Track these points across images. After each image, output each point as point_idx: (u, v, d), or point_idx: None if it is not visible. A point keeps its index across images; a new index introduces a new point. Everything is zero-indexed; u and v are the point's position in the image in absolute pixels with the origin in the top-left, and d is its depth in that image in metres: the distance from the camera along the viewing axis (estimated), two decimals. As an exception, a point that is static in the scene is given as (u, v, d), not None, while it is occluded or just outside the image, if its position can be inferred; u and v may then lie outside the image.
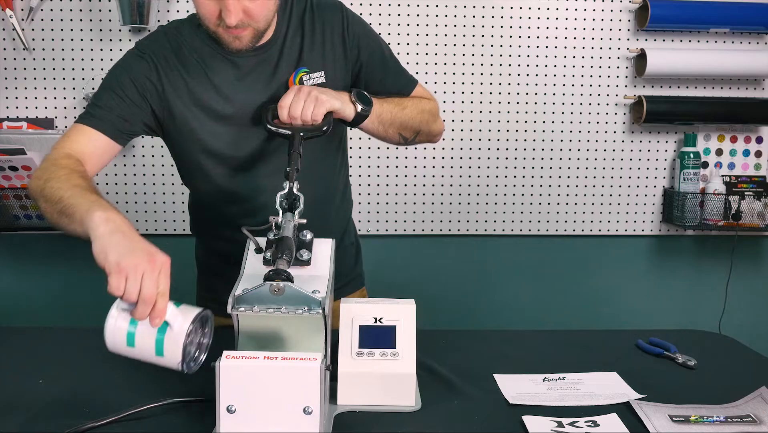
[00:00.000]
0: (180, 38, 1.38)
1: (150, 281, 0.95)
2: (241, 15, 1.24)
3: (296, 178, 1.17)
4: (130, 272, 0.96)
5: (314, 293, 1.04)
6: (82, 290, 2.38)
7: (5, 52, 2.25)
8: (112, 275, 0.96)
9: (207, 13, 1.26)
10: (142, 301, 0.95)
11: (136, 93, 1.34)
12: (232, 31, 1.26)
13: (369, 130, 1.42)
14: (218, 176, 1.43)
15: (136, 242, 1.01)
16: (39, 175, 1.23)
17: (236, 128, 1.38)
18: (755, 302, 2.57)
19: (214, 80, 1.36)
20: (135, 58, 1.36)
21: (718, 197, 2.39)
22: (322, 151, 1.44)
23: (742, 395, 1.16)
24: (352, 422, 1.07)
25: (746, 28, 2.40)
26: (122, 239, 1.00)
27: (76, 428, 1.02)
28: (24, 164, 2.09)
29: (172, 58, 1.36)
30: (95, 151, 1.32)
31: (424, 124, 1.48)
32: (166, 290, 0.97)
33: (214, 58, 1.37)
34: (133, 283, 0.95)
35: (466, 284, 2.49)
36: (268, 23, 1.31)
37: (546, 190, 2.46)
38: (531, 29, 2.38)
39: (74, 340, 1.45)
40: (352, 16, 1.44)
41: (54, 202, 1.16)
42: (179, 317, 0.98)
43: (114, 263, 0.97)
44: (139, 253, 0.98)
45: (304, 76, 1.39)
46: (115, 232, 1.02)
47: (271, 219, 1.12)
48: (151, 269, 0.96)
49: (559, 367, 1.29)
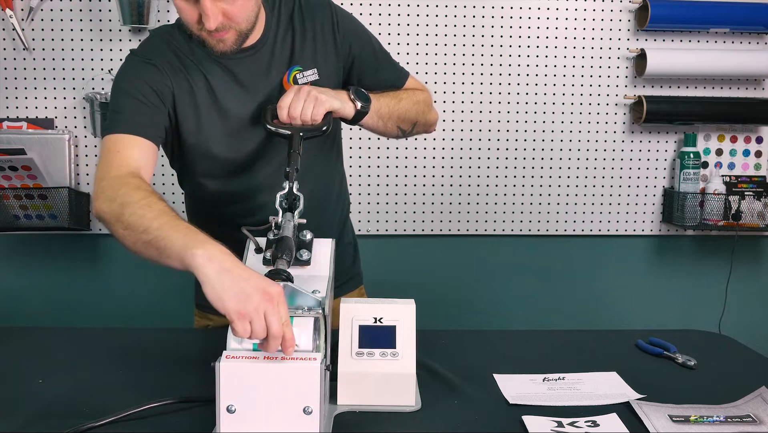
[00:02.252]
0: (174, 42, 1.37)
1: (274, 318, 0.95)
2: (221, 18, 1.23)
3: (295, 178, 1.17)
4: (254, 316, 0.95)
5: (314, 293, 1.04)
6: (82, 290, 2.38)
7: (5, 52, 2.25)
8: (236, 322, 0.95)
9: (188, 18, 1.25)
10: (273, 337, 0.95)
11: (157, 98, 1.32)
12: (214, 34, 1.26)
13: (368, 126, 1.42)
14: (217, 177, 1.43)
15: (246, 279, 0.97)
16: (109, 197, 1.16)
17: (234, 130, 1.38)
18: (755, 302, 2.57)
19: (212, 82, 1.36)
20: (142, 63, 1.34)
21: (718, 197, 2.39)
22: (317, 149, 1.44)
23: (742, 395, 1.16)
24: (352, 422, 1.07)
25: (746, 28, 2.40)
26: (233, 281, 0.97)
27: (76, 428, 1.02)
28: (24, 164, 2.09)
29: (174, 61, 1.35)
30: (148, 160, 1.28)
31: (421, 114, 1.49)
32: (288, 319, 0.97)
33: (208, 62, 1.36)
34: (258, 324, 0.95)
35: (466, 284, 2.49)
36: (250, 24, 1.30)
37: (546, 190, 2.46)
38: (531, 29, 2.38)
39: (74, 340, 1.45)
40: (341, 12, 1.44)
41: (139, 231, 1.09)
42: (302, 335, 0.99)
43: (234, 311, 0.95)
44: (255, 294, 0.96)
45: (298, 74, 1.39)
46: (222, 272, 0.98)
47: (271, 219, 1.12)
48: (272, 306, 0.95)
49: (559, 367, 1.29)
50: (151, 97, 1.31)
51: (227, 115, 1.37)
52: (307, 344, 0.99)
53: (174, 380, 1.20)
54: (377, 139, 2.35)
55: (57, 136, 2.22)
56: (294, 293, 1.01)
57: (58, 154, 2.22)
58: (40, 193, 2.16)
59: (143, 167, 1.25)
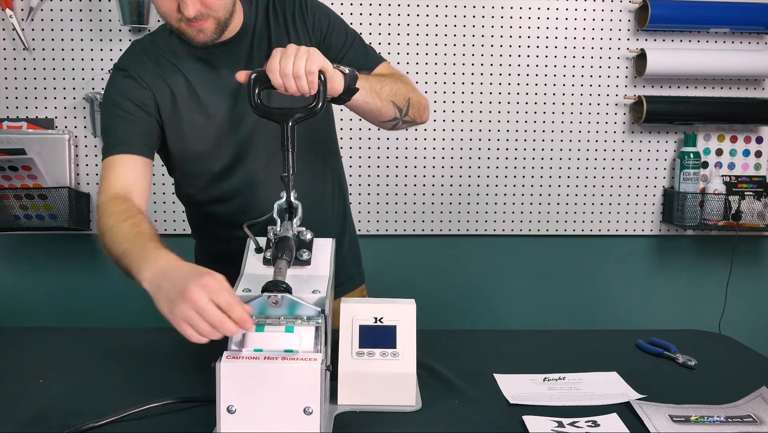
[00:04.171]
0: (155, 48, 1.40)
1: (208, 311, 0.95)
2: (199, 6, 1.25)
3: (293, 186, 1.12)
4: (189, 319, 0.96)
5: (314, 293, 1.04)
6: (82, 290, 2.38)
7: (5, 52, 2.25)
8: (180, 330, 0.97)
9: (167, 9, 1.27)
10: (219, 327, 0.95)
11: (138, 109, 1.35)
12: (193, 24, 1.27)
13: (363, 105, 1.32)
14: (209, 178, 1.43)
15: (176, 285, 0.99)
16: (99, 226, 1.26)
17: (218, 128, 1.39)
18: (755, 302, 2.57)
19: (193, 82, 1.38)
20: (122, 78, 1.37)
21: (718, 197, 2.39)
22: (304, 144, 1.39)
23: (743, 395, 1.16)
24: (353, 422, 1.07)
25: (746, 28, 2.40)
26: (166, 293, 1.00)
27: (76, 428, 1.02)
28: (24, 164, 2.09)
29: (153, 69, 1.38)
30: (137, 175, 1.33)
31: (411, 92, 1.43)
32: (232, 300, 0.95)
33: (189, 60, 1.38)
34: (198, 325, 0.95)
35: (466, 284, 2.49)
36: (227, 12, 1.31)
37: (546, 190, 2.46)
38: (531, 29, 2.38)
39: (74, 340, 1.45)
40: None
41: (116, 259, 1.18)
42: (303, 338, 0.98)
43: (174, 322, 0.98)
44: (177, 298, 0.97)
45: None
46: (160, 288, 1.02)
47: (270, 228, 1.11)
48: (198, 306, 0.95)
49: (559, 367, 1.29)
50: (136, 112, 1.35)
51: (210, 113, 1.38)
52: (308, 345, 0.98)
53: (174, 380, 1.20)
54: (377, 139, 2.35)
55: (57, 136, 2.22)
56: (293, 303, 1.00)
57: (58, 154, 2.22)
58: (40, 194, 2.16)
59: (132, 183, 1.31)
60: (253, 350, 0.97)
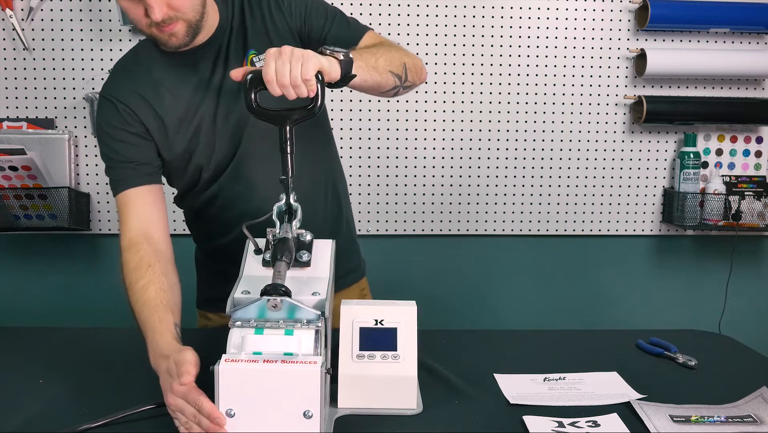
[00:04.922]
0: (136, 67, 1.38)
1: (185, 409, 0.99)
2: (165, 9, 1.24)
3: (292, 188, 1.12)
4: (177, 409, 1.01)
5: (314, 295, 1.04)
6: (82, 290, 2.38)
7: (5, 52, 2.25)
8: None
9: (135, 16, 1.26)
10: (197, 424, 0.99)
11: (129, 135, 1.34)
12: (164, 28, 1.26)
13: (364, 82, 1.28)
14: (205, 184, 1.43)
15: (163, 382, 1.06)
16: (124, 276, 1.29)
17: (206, 137, 1.38)
18: (755, 302, 2.57)
19: (174, 92, 1.36)
20: (107, 108, 1.36)
21: (718, 197, 2.39)
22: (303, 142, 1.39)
23: (743, 395, 1.16)
24: (353, 425, 1.07)
25: (746, 28, 2.39)
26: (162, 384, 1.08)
27: (75, 428, 1.02)
28: (24, 164, 2.08)
29: (132, 91, 1.35)
30: (150, 208, 1.34)
31: (405, 56, 1.40)
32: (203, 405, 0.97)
33: (170, 70, 1.36)
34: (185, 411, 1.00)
35: (466, 284, 2.49)
36: (197, 13, 1.29)
37: (546, 190, 2.46)
38: (531, 29, 2.38)
39: (74, 340, 1.46)
40: None
41: (135, 317, 1.25)
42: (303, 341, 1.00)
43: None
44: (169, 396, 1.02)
45: (254, 58, 1.37)
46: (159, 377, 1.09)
47: (269, 231, 1.11)
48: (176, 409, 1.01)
49: (559, 367, 1.29)
50: (130, 138, 1.35)
51: (195, 124, 1.37)
52: (308, 348, 0.98)
53: (174, 380, 1.20)
54: (377, 139, 2.35)
55: (57, 136, 2.22)
56: (293, 307, 0.99)
57: (58, 154, 2.22)
58: (40, 194, 2.16)
59: (146, 219, 1.32)
60: (252, 353, 0.96)
